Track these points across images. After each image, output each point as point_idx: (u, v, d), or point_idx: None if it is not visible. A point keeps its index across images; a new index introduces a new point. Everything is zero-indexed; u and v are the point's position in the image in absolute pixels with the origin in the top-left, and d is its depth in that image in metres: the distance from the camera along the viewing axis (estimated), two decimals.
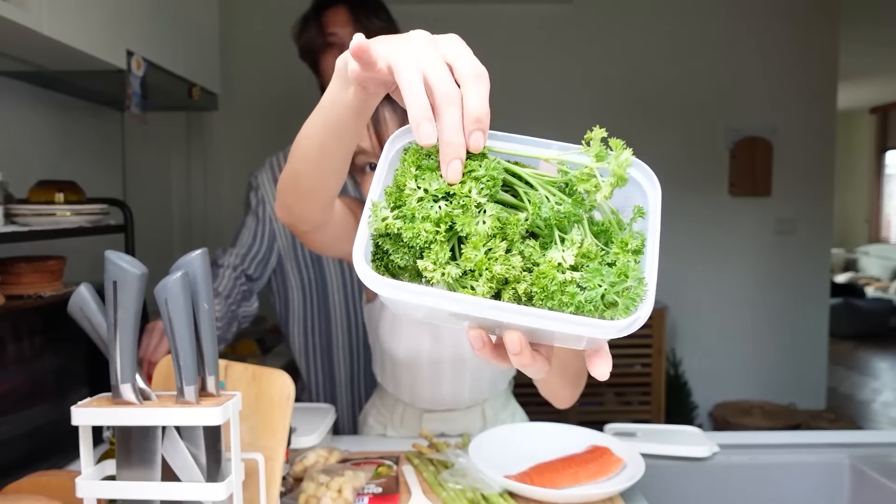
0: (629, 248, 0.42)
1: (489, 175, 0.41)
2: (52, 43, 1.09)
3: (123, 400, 0.59)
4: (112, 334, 0.58)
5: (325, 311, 1.33)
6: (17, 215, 1.05)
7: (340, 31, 1.27)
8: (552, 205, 0.42)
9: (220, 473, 0.62)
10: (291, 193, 0.68)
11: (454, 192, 0.41)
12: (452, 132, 0.40)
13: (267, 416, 0.70)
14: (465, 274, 0.41)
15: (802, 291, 3.18)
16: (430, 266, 0.40)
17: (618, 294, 0.40)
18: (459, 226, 0.40)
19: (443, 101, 0.41)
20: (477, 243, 0.40)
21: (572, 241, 0.41)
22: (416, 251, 0.41)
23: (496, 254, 0.40)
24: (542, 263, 0.41)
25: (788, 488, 0.99)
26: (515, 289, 0.41)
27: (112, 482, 0.60)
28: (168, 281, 0.58)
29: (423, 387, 1.04)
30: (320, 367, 1.35)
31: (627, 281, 0.40)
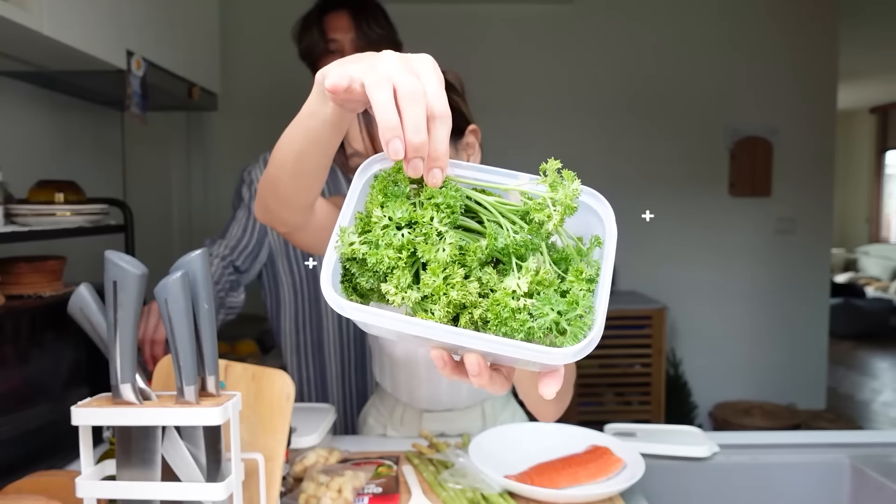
0: (584, 277, 0.44)
1: (447, 203, 0.44)
2: (52, 43, 1.08)
3: (123, 400, 0.59)
4: (112, 334, 0.58)
5: (317, 308, 1.33)
6: (17, 215, 1.05)
7: (342, 38, 1.27)
8: (509, 233, 0.45)
9: (219, 473, 0.62)
10: (270, 196, 0.70)
11: (416, 221, 0.44)
12: (414, 131, 0.42)
13: (267, 416, 0.70)
14: (424, 298, 0.43)
15: (802, 291, 3.18)
16: (392, 290, 0.43)
17: (568, 322, 0.42)
18: (420, 253, 0.43)
19: (407, 103, 0.43)
20: (436, 269, 0.42)
21: (527, 269, 0.43)
22: (380, 275, 0.44)
23: (454, 280, 0.42)
24: (497, 290, 0.43)
25: (788, 488, 0.99)
26: (472, 313, 0.43)
27: (112, 482, 0.60)
28: (168, 281, 0.58)
29: (420, 386, 1.04)
30: (311, 365, 1.35)
31: (578, 309, 0.42)
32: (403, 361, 1.02)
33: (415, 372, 1.03)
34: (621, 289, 3.11)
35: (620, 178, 3.11)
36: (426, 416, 1.06)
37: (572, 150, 3.08)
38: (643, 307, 2.75)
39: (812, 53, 3.09)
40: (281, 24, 1.79)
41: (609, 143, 3.09)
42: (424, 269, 0.43)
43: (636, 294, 3.02)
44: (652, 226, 3.13)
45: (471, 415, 1.06)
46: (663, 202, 3.12)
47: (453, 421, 1.06)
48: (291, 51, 1.41)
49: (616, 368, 2.77)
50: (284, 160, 0.63)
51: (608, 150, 3.09)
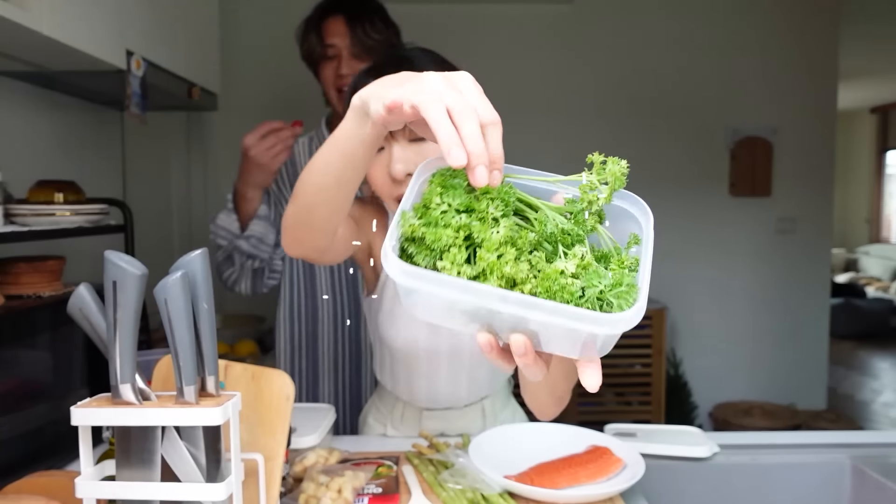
0: (625, 266, 0.48)
1: (502, 197, 0.49)
2: (52, 43, 1.08)
3: (123, 400, 0.59)
4: (111, 334, 0.58)
5: (313, 301, 1.35)
6: (17, 215, 1.05)
7: (339, 43, 1.28)
8: (557, 223, 0.49)
9: (219, 474, 0.62)
10: (303, 227, 0.73)
11: (473, 209, 0.48)
12: (474, 142, 0.47)
13: (266, 416, 0.70)
14: (477, 276, 0.46)
15: (803, 291, 3.18)
16: (447, 265, 0.46)
17: (614, 296, 0.45)
18: (476, 234, 0.47)
19: (462, 118, 0.48)
20: (490, 247, 0.46)
21: (574, 255, 0.47)
22: (436, 254, 0.47)
23: (507, 258, 0.45)
24: (547, 270, 0.46)
25: (789, 489, 0.99)
26: (522, 290, 0.46)
27: (111, 482, 0.60)
28: (168, 281, 0.58)
29: (420, 383, 1.04)
30: (304, 358, 1.37)
31: (622, 287, 0.46)
32: (403, 353, 1.02)
33: (414, 367, 1.03)
34: None
35: None
36: (426, 414, 1.06)
37: (572, 149, 3.08)
38: None
39: (812, 53, 3.09)
40: (281, 24, 1.80)
41: (609, 142, 3.09)
42: (475, 253, 0.47)
43: None
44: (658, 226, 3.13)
45: (470, 413, 1.06)
46: (664, 202, 3.12)
47: (453, 420, 1.06)
48: (292, 51, 1.41)
49: (616, 368, 2.77)
50: (322, 186, 0.67)
51: (608, 150, 3.01)
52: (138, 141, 2.12)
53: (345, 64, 1.28)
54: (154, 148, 2.39)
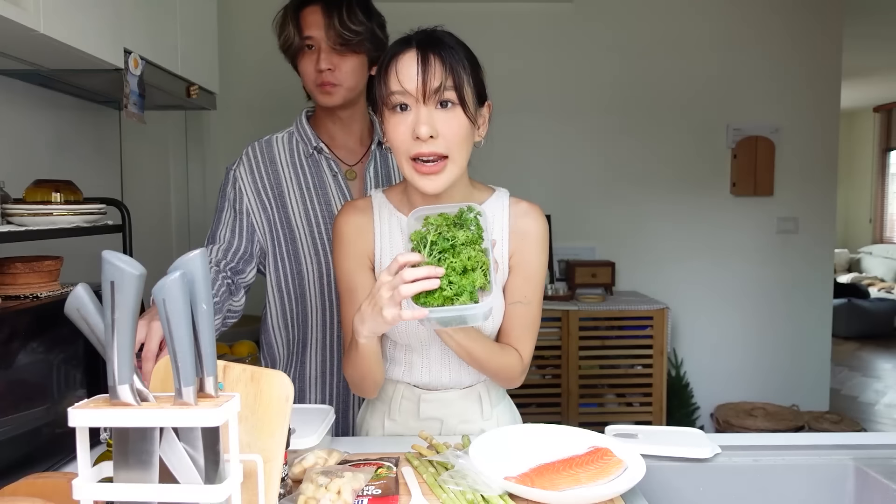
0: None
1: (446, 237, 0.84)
2: (49, 41, 1.08)
3: (121, 401, 0.59)
4: (109, 335, 0.57)
5: (302, 307, 1.29)
6: (14, 215, 1.05)
7: (316, 34, 1.19)
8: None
9: (218, 475, 0.62)
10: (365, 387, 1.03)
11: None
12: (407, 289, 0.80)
13: (265, 417, 0.69)
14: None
15: (805, 292, 3.17)
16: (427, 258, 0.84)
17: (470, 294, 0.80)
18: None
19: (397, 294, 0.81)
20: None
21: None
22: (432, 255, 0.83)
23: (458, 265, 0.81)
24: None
25: (791, 490, 0.99)
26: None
27: (109, 484, 0.60)
28: (166, 281, 0.57)
29: (421, 363, 1.04)
30: (294, 365, 1.31)
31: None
32: (405, 336, 1.02)
33: (416, 347, 1.03)
34: (622, 289, 3.11)
35: (621, 178, 3.10)
36: (424, 397, 1.05)
37: (572, 148, 3.08)
38: (644, 308, 2.74)
39: (815, 52, 3.08)
40: None
41: (610, 142, 3.08)
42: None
43: (637, 294, 3.01)
44: (653, 226, 3.12)
45: (469, 398, 1.06)
46: (665, 202, 3.12)
47: (451, 404, 1.05)
48: None
49: (617, 369, 2.76)
50: (364, 378, 0.99)
51: (609, 149, 3.09)
52: (136, 140, 2.12)
53: (324, 58, 1.19)
54: (152, 147, 2.39)
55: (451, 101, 0.89)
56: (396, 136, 0.90)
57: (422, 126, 0.87)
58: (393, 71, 0.90)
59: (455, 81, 0.88)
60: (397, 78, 0.89)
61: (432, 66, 0.88)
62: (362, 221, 1.01)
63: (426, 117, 0.88)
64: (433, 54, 0.89)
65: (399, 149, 0.91)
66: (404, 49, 0.90)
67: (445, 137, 0.89)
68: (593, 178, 3.09)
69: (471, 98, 0.91)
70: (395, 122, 0.90)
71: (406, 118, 0.89)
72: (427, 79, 0.87)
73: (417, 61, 0.88)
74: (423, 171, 0.89)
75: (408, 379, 1.05)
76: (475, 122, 0.93)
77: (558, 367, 2.73)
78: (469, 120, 0.90)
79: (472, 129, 0.92)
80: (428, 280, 0.77)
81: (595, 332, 2.74)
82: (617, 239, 3.10)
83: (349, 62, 1.21)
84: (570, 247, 3.07)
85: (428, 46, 0.89)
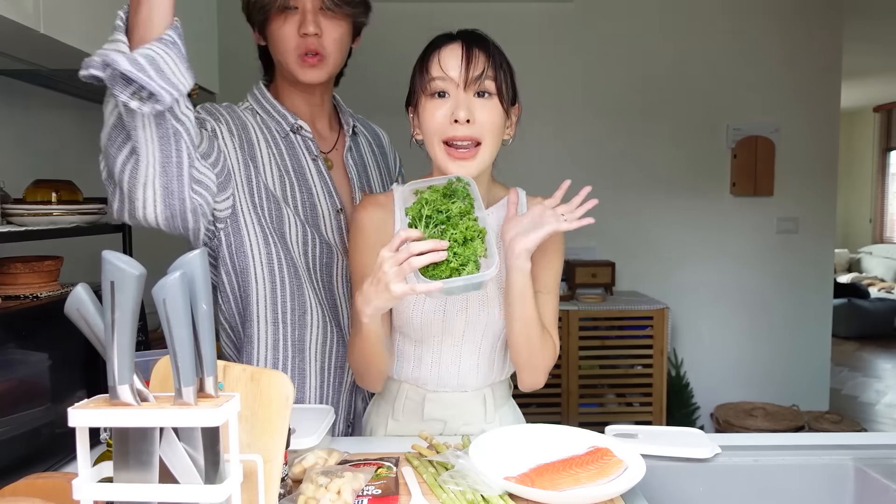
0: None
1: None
2: (49, 41, 1.08)
3: (121, 401, 0.59)
4: (109, 335, 0.57)
5: (300, 298, 1.09)
6: (13, 215, 1.05)
7: None
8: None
9: (218, 475, 0.62)
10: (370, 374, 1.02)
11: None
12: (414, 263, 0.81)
13: (265, 417, 0.69)
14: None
15: (805, 292, 3.17)
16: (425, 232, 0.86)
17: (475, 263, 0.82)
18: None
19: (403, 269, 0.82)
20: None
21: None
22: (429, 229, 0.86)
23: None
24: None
25: (791, 491, 0.99)
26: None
27: (109, 484, 0.60)
28: (166, 281, 0.57)
29: (429, 363, 1.04)
30: (291, 367, 1.11)
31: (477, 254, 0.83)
32: (417, 334, 1.02)
33: (427, 346, 1.04)
34: (622, 289, 3.10)
35: (621, 177, 3.10)
36: (429, 398, 1.05)
37: (572, 148, 3.07)
38: (644, 308, 2.74)
39: (815, 51, 3.08)
40: None
41: (610, 141, 3.08)
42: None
43: (637, 294, 3.01)
44: (653, 225, 3.12)
45: (473, 401, 1.06)
46: (664, 201, 3.12)
47: (455, 406, 1.05)
48: None
49: (617, 369, 2.76)
50: (369, 367, 0.99)
51: (609, 149, 3.09)
52: None
53: (311, 20, 1.01)
54: None
55: (489, 92, 0.94)
56: (433, 120, 0.94)
57: (461, 110, 0.92)
58: (436, 59, 0.95)
59: (495, 73, 0.94)
60: (440, 65, 0.94)
61: (475, 55, 0.94)
62: (383, 216, 1.01)
63: (465, 102, 0.93)
64: (476, 47, 0.95)
65: (434, 132, 0.94)
66: (448, 41, 0.96)
67: (481, 124, 0.93)
68: (593, 177, 3.08)
69: (507, 92, 0.96)
70: (432, 107, 0.94)
71: (444, 104, 0.93)
72: (470, 66, 0.93)
73: (462, 50, 0.94)
74: (455, 156, 0.93)
75: (416, 375, 1.05)
76: (508, 116, 0.98)
77: (558, 367, 2.73)
78: (504, 111, 0.96)
79: (504, 122, 0.97)
80: (435, 252, 0.80)
81: (595, 332, 2.74)
82: (617, 239, 3.09)
83: (338, 28, 1.05)
84: (570, 247, 3.06)
85: (472, 41, 0.95)
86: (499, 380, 1.09)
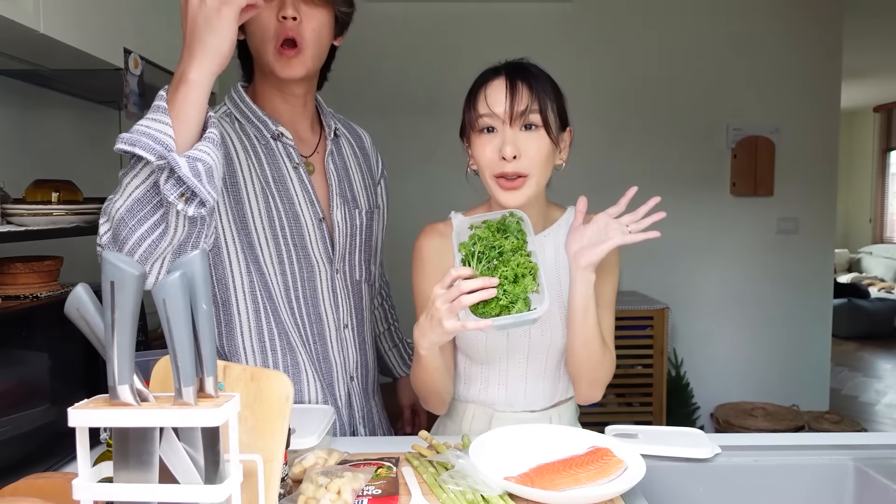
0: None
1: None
2: (49, 41, 1.08)
3: (121, 401, 0.59)
4: (109, 335, 0.57)
5: (314, 298, 1.08)
6: (13, 215, 1.05)
7: None
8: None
9: (218, 475, 0.62)
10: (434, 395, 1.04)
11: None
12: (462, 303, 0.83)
13: (265, 417, 0.69)
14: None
15: (805, 292, 3.17)
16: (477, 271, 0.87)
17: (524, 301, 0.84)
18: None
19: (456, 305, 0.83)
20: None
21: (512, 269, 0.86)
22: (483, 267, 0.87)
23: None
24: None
25: (791, 491, 0.99)
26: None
27: (109, 484, 0.60)
28: (166, 281, 0.57)
29: (497, 384, 1.05)
30: (317, 370, 1.10)
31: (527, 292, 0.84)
32: (484, 356, 1.04)
33: (493, 368, 1.05)
34: (622, 289, 3.10)
35: (621, 178, 3.10)
36: (497, 416, 1.06)
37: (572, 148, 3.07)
38: (644, 308, 2.74)
39: (815, 51, 3.08)
40: None
41: (610, 142, 3.08)
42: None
43: (637, 294, 3.01)
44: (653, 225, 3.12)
45: (540, 421, 1.06)
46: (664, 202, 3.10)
47: (522, 425, 1.05)
48: None
49: (617, 369, 2.74)
50: (430, 393, 1.02)
51: (609, 149, 3.08)
52: None
53: (290, 3, 0.98)
54: None
55: (535, 125, 0.95)
56: (484, 156, 0.96)
57: (507, 146, 0.93)
58: (482, 96, 0.96)
59: (540, 105, 0.95)
60: (486, 102, 0.95)
61: (519, 91, 0.95)
62: (443, 244, 1.03)
63: (511, 138, 0.94)
64: (521, 81, 0.96)
65: (486, 167, 0.96)
66: (493, 77, 0.98)
67: (529, 157, 0.95)
68: (593, 177, 3.09)
69: (553, 122, 0.97)
70: (482, 142, 0.97)
71: (493, 140, 0.95)
72: (514, 102, 0.94)
73: (506, 87, 0.95)
74: (505, 187, 0.95)
75: (483, 397, 1.07)
76: (557, 145, 0.99)
77: None
78: (552, 142, 0.97)
79: (553, 151, 0.98)
80: (485, 290, 0.81)
81: None
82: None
83: (317, 17, 1.00)
84: None
85: (516, 74, 0.96)
86: (565, 398, 1.09)
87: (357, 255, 1.16)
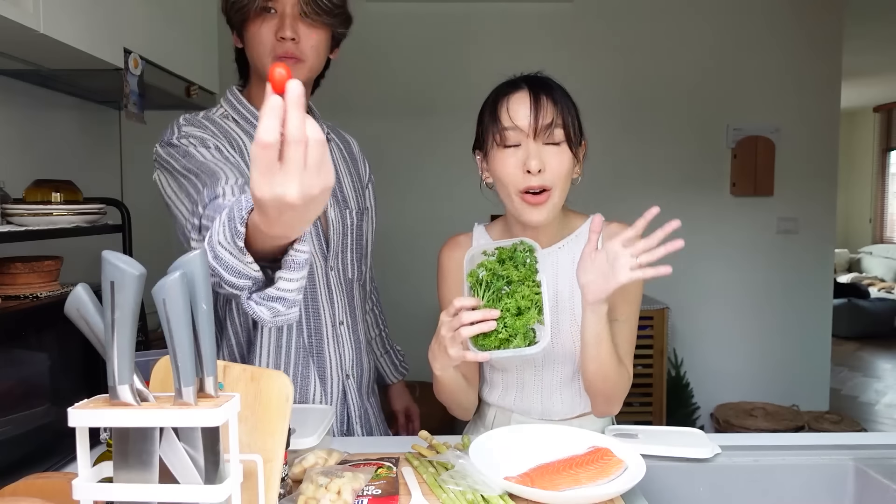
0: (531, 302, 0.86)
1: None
2: (49, 41, 1.08)
3: (121, 401, 0.59)
4: (109, 335, 0.57)
5: (314, 303, 1.09)
6: (14, 215, 1.05)
7: None
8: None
9: (218, 475, 0.61)
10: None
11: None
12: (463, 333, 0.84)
13: (265, 417, 0.69)
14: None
15: (805, 292, 3.17)
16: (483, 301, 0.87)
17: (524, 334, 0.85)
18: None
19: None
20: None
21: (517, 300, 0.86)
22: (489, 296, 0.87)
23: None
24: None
25: (791, 491, 0.99)
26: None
27: (109, 484, 0.60)
28: (166, 281, 0.57)
29: (533, 392, 1.06)
30: (311, 374, 1.11)
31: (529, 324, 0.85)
32: (517, 368, 1.05)
33: (528, 378, 1.05)
34: None
35: (621, 178, 3.10)
36: (515, 419, 1.07)
37: None
38: (644, 308, 2.71)
39: (815, 51, 3.08)
40: None
41: (610, 142, 3.08)
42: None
43: None
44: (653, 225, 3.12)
45: None
46: (664, 202, 3.09)
47: None
48: None
49: None
50: (450, 404, 1.03)
51: (609, 150, 3.08)
52: (136, 140, 2.11)
53: (289, 25, 0.99)
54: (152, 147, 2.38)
55: (559, 139, 0.95)
56: (506, 171, 0.95)
57: (532, 160, 0.93)
58: (504, 109, 0.95)
59: (563, 120, 0.95)
60: (509, 115, 0.95)
61: (543, 105, 0.94)
62: (463, 256, 1.02)
63: (536, 152, 0.93)
64: (544, 94, 0.95)
65: (509, 182, 0.95)
66: (514, 89, 0.97)
67: (552, 171, 0.94)
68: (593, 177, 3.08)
69: (574, 136, 0.96)
70: (503, 156, 0.95)
71: (516, 153, 0.94)
72: (539, 116, 0.94)
73: (530, 100, 0.94)
74: (530, 202, 0.95)
75: (502, 402, 1.08)
76: (577, 159, 0.99)
77: None
78: (573, 156, 0.97)
79: (573, 165, 0.97)
80: (485, 323, 0.81)
81: None
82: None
83: (316, 36, 1.02)
84: None
85: (538, 87, 0.95)
86: (588, 411, 1.07)
87: (349, 254, 1.18)
